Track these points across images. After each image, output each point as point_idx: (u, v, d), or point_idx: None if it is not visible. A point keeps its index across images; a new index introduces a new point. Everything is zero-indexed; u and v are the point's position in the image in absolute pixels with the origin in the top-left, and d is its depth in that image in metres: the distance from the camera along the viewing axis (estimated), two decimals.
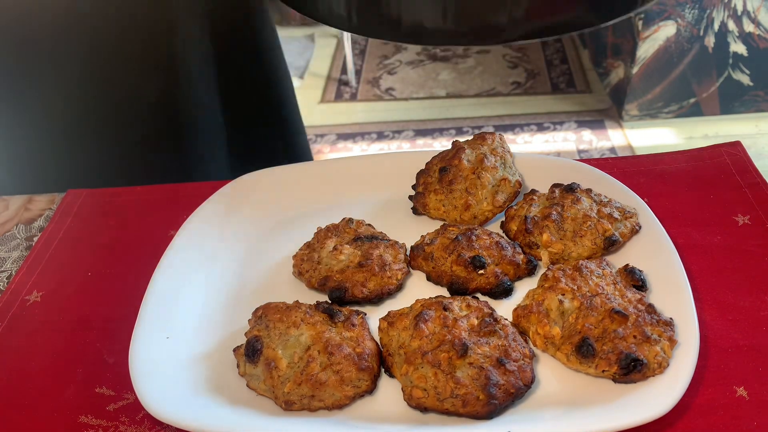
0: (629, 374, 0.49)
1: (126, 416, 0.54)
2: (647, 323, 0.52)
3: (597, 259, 0.59)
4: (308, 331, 0.54)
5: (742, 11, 2.11)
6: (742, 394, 0.51)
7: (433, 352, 0.51)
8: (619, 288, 0.56)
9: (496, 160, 0.69)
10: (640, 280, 0.57)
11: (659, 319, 0.52)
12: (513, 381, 0.49)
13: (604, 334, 0.52)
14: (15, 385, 0.58)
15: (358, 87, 2.75)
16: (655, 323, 0.52)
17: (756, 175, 0.73)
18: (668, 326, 0.52)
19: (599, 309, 0.53)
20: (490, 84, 2.69)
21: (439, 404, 0.49)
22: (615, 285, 0.56)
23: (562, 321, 0.54)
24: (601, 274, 0.57)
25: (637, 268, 0.57)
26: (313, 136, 2.47)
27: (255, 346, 0.53)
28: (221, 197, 0.73)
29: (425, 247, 0.63)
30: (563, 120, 2.44)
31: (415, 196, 0.71)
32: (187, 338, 0.58)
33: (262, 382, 0.52)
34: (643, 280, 0.57)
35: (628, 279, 0.57)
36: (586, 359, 0.51)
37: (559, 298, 0.55)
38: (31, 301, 0.67)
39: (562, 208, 0.64)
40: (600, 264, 0.58)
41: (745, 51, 2.20)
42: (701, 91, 2.31)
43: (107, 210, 0.79)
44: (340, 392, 0.51)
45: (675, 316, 0.53)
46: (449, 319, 0.54)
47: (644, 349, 0.50)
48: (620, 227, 0.63)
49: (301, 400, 0.51)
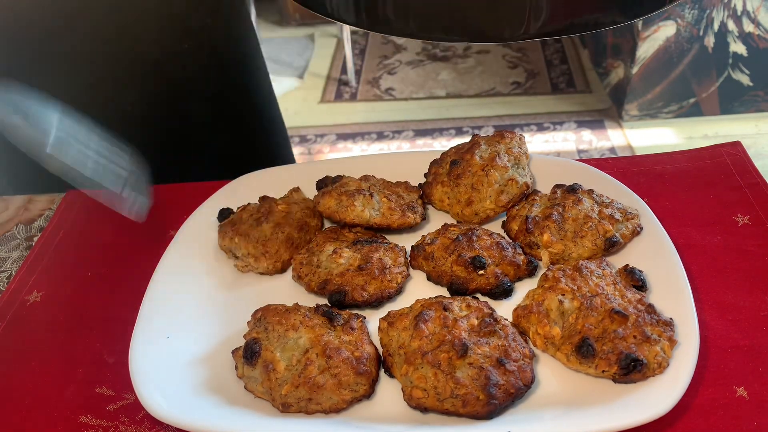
0: (629, 374, 0.49)
1: (126, 416, 0.54)
2: (647, 323, 0.52)
3: (597, 260, 0.59)
4: (307, 334, 0.54)
5: (742, 11, 2.11)
6: (742, 394, 0.51)
7: (433, 352, 0.51)
8: (618, 288, 0.56)
9: (509, 159, 0.68)
10: (640, 281, 0.57)
11: (659, 319, 0.52)
12: (513, 381, 0.49)
13: (604, 334, 0.52)
14: (15, 385, 0.57)
15: (358, 87, 2.75)
16: (655, 323, 0.52)
17: (756, 175, 0.73)
18: (668, 326, 0.52)
19: (599, 309, 0.53)
20: (490, 84, 2.69)
21: (439, 404, 0.49)
22: (615, 285, 0.56)
23: (562, 321, 0.54)
24: (601, 275, 0.57)
25: (636, 269, 0.57)
26: (313, 136, 2.47)
27: (253, 349, 0.53)
28: (221, 197, 0.73)
29: (426, 246, 0.63)
30: (563, 120, 2.44)
31: (424, 184, 0.71)
32: (186, 339, 0.58)
33: (259, 384, 0.52)
34: (643, 281, 0.57)
35: (628, 279, 0.57)
36: (586, 359, 0.51)
37: (559, 298, 0.55)
38: (31, 301, 0.67)
39: (563, 209, 0.64)
40: (600, 264, 0.58)
41: (745, 51, 2.20)
42: (701, 91, 2.31)
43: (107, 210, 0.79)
44: (337, 396, 0.50)
45: (675, 317, 0.53)
46: (449, 320, 0.54)
47: (644, 349, 0.50)
48: (621, 228, 0.63)
49: (298, 402, 0.51)
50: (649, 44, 2.17)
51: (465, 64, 2.84)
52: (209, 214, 0.71)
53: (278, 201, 0.69)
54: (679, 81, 2.27)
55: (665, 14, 2.10)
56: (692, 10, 2.10)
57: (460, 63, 2.85)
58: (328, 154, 2.37)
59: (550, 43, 2.91)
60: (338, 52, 2.99)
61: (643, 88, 2.29)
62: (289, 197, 0.71)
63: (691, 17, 2.12)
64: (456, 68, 2.82)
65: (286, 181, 0.75)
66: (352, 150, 2.39)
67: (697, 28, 2.14)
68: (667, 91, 2.30)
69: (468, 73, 2.78)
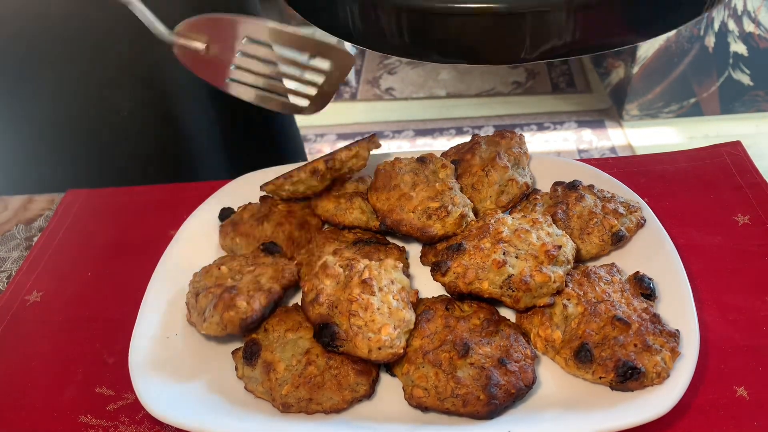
0: (626, 382, 0.48)
1: (126, 416, 0.54)
2: (650, 333, 0.51)
3: (608, 265, 0.58)
4: (307, 335, 0.54)
5: (743, 11, 2.11)
6: (742, 394, 0.51)
7: (435, 351, 0.51)
8: (626, 296, 0.55)
9: (509, 159, 0.68)
10: (649, 289, 0.55)
11: (663, 330, 0.51)
12: (514, 381, 0.49)
13: (604, 340, 0.51)
14: (15, 385, 0.58)
15: (358, 87, 2.75)
16: (659, 333, 0.51)
17: (756, 175, 0.73)
18: (673, 337, 0.51)
19: (602, 315, 0.53)
20: (490, 84, 2.69)
21: (439, 404, 0.49)
22: (622, 292, 0.55)
23: (565, 325, 0.54)
24: (610, 281, 0.56)
25: (647, 276, 0.56)
26: (313, 136, 2.47)
27: (253, 349, 0.53)
28: (221, 197, 0.73)
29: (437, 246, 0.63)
30: (563, 120, 2.44)
31: None
32: (186, 339, 0.58)
33: (259, 384, 0.52)
34: (652, 289, 0.55)
35: (637, 287, 0.56)
36: (583, 365, 0.50)
37: (563, 302, 0.55)
38: (31, 301, 0.67)
39: (567, 206, 0.64)
40: (610, 270, 0.58)
41: (746, 51, 2.20)
42: (701, 91, 2.31)
43: (107, 210, 0.79)
44: (337, 396, 0.50)
45: (675, 321, 0.53)
46: (452, 319, 0.54)
47: (644, 358, 0.49)
48: (626, 222, 0.63)
49: (298, 403, 0.51)
50: (650, 44, 2.17)
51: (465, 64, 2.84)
52: (210, 214, 0.71)
53: (279, 201, 0.69)
54: (680, 81, 2.27)
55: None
56: None
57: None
58: None
59: None
60: None
61: (644, 87, 2.29)
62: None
63: None
64: (456, 68, 2.82)
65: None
66: None
67: (697, 27, 2.14)
68: (668, 91, 2.30)
69: (468, 73, 2.78)
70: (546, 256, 0.55)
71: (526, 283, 0.53)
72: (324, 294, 0.53)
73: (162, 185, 0.82)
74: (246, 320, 0.54)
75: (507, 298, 0.54)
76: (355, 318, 0.51)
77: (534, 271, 0.54)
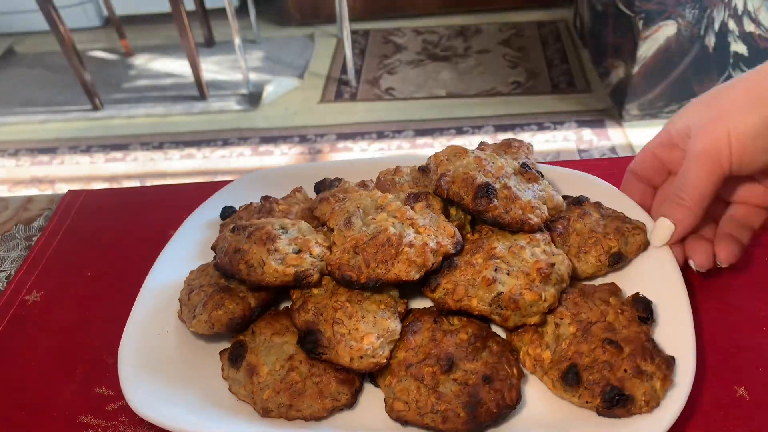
0: (612, 408, 0.46)
1: (126, 416, 0.54)
2: (643, 358, 0.48)
3: (607, 285, 0.56)
4: (293, 340, 0.53)
5: (743, 11, 2.11)
6: (742, 394, 0.51)
7: (418, 365, 0.50)
8: (622, 317, 0.52)
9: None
10: (647, 312, 0.52)
11: (658, 356, 0.49)
12: (497, 400, 0.48)
13: (594, 363, 0.49)
14: (15, 385, 0.58)
15: (358, 87, 2.75)
16: (653, 359, 0.48)
17: None
18: (667, 364, 0.48)
19: (595, 337, 0.50)
20: (490, 84, 2.69)
21: (419, 419, 0.48)
22: (619, 314, 0.52)
23: (555, 345, 0.52)
24: (607, 301, 0.53)
25: (646, 298, 0.53)
26: (313, 136, 2.47)
27: (239, 351, 0.53)
28: (221, 197, 0.73)
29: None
30: (563, 120, 2.44)
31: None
32: (178, 337, 0.58)
33: (242, 386, 0.52)
34: (650, 312, 0.52)
35: (634, 309, 0.53)
36: (570, 388, 0.48)
37: (556, 321, 0.53)
38: (31, 301, 0.67)
39: (568, 222, 0.61)
40: (609, 290, 0.55)
41: (746, 51, 2.20)
42: (702, 90, 2.29)
43: (107, 210, 0.79)
44: (318, 404, 0.50)
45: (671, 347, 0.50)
46: (438, 332, 0.52)
47: (634, 384, 0.47)
48: (627, 243, 0.59)
49: (278, 408, 0.50)
50: (650, 44, 2.16)
51: (465, 63, 2.84)
52: (210, 214, 0.71)
53: (279, 201, 0.69)
54: (680, 81, 2.27)
55: (666, 14, 2.10)
56: (693, 9, 2.10)
57: (461, 63, 2.85)
58: (328, 154, 2.37)
59: (550, 43, 2.91)
60: (338, 51, 2.99)
61: (644, 87, 2.29)
62: (292, 197, 0.71)
63: (692, 17, 2.12)
64: (456, 68, 2.82)
65: (286, 182, 0.75)
66: (352, 150, 2.39)
67: (697, 27, 2.14)
68: (668, 90, 2.30)
69: (468, 73, 2.77)
70: (538, 273, 0.52)
71: (515, 301, 0.51)
72: (311, 301, 0.53)
73: (162, 185, 0.82)
74: (234, 320, 0.54)
75: (496, 316, 0.52)
76: (338, 326, 0.50)
77: (524, 289, 0.52)
